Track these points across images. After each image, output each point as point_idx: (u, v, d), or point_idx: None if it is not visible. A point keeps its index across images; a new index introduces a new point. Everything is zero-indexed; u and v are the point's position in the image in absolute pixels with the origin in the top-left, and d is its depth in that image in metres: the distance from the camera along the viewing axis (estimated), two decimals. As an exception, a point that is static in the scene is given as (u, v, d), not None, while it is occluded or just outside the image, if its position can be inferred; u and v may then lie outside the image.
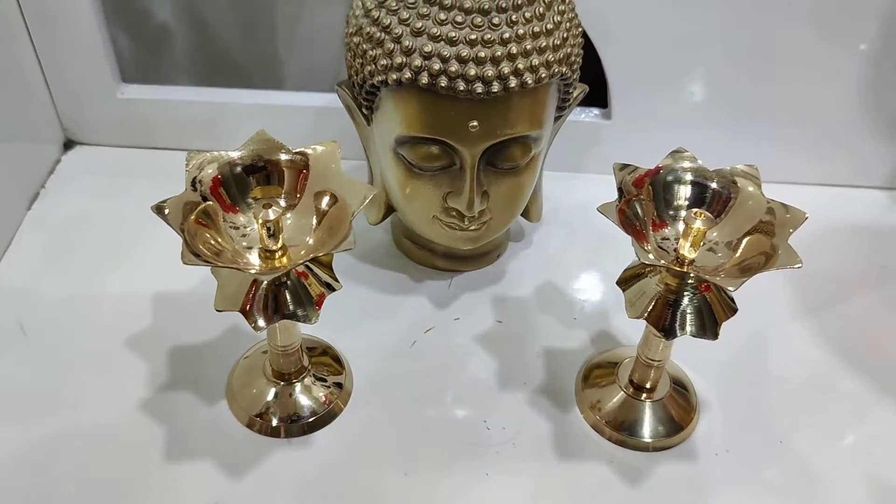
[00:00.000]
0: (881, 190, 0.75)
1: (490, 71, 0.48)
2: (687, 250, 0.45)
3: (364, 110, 0.55)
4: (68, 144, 0.74)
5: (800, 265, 0.42)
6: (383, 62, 0.49)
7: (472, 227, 0.56)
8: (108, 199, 0.68)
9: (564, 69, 0.52)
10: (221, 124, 0.69)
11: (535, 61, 0.49)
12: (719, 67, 0.68)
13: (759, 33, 0.66)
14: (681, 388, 0.56)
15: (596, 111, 0.72)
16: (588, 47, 0.67)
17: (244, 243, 0.45)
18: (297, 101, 0.71)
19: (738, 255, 0.45)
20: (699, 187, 0.47)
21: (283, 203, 0.46)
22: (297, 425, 0.52)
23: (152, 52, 0.79)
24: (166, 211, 0.41)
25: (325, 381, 0.55)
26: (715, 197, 0.47)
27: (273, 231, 0.43)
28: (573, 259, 0.66)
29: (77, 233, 0.65)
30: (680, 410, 0.54)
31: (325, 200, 0.45)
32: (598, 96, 0.71)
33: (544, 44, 0.49)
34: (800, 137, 0.72)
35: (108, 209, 0.67)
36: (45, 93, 0.69)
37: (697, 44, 0.67)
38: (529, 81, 0.49)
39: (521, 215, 0.62)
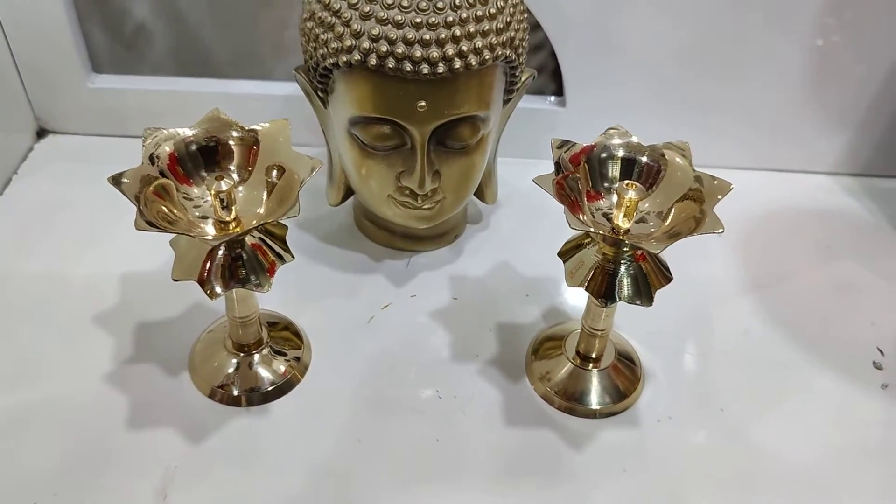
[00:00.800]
0: (827, 175, 0.78)
1: (435, 52, 0.51)
2: (621, 220, 0.47)
3: (320, 93, 0.57)
4: (41, 133, 0.76)
5: (721, 230, 0.45)
6: (334, 45, 0.52)
7: (426, 206, 0.58)
8: (79, 185, 0.70)
9: (508, 52, 0.54)
10: (191, 113, 0.70)
11: (479, 44, 0.52)
12: (671, 57, 0.71)
13: (710, 23, 0.69)
14: (626, 359, 0.58)
15: (552, 99, 0.74)
16: (546, 38, 0.69)
17: (199, 215, 0.47)
18: (266, 89, 0.74)
19: (668, 223, 0.47)
20: (631, 161, 0.50)
21: (235, 177, 0.48)
22: (256, 394, 0.54)
23: (129, 48, 0.81)
24: (124, 181, 0.43)
25: (285, 354, 0.57)
26: (646, 170, 0.50)
27: (226, 202, 0.46)
28: (527, 240, 0.68)
29: (47, 217, 0.67)
30: (625, 380, 0.57)
31: (275, 174, 0.48)
32: (556, 84, 0.74)
33: (487, 27, 0.52)
34: (749, 124, 0.75)
35: (79, 195, 0.70)
36: (17, 82, 0.72)
37: (648, 34, 0.70)
38: (473, 63, 0.52)
39: (477, 196, 0.65)
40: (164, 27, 0.81)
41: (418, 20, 0.50)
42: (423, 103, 0.52)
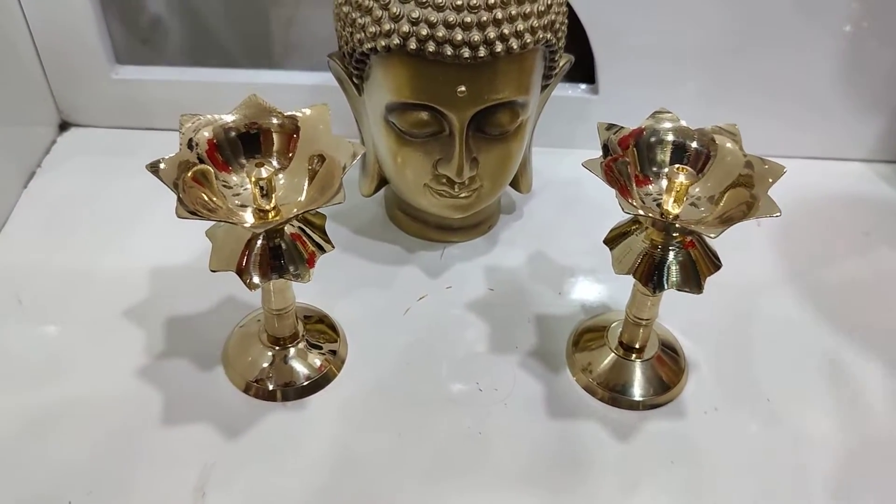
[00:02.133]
0: (862, 162, 0.77)
1: (476, 36, 0.49)
2: (671, 205, 0.46)
3: (355, 80, 0.56)
4: (64, 126, 0.75)
5: (779, 214, 0.43)
6: (372, 29, 0.51)
7: (463, 195, 0.57)
8: (104, 178, 0.69)
9: (549, 36, 0.53)
10: (216, 104, 0.69)
11: (521, 27, 0.50)
12: (704, 43, 0.70)
13: (744, 8, 0.68)
14: (670, 349, 0.57)
15: (583, 86, 0.73)
16: (577, 25, 0.68)
17: (238, 203, 0.46)
18: (292, 79, 0.72)
19: (719, 208, 0.46)
20: (680, 146, 0.48)
21: (275, 164, 0.47)
22: (292, 389, 0.53)
23: (147, 39, 0.80)
24: (162, 167, 0.42)
25: (321, 348, 0.56)
26: (695, 154, 0.48)
27: (266, 190, 0.44)
28: (563, 230, 0.67)
29: (73, 210, 0.66)
30: (669, 371, 0.55)
31: (316, 160, 0.46)
32: (586, 72, 0.72)
33: (528, 10, 0.50)
34: (784, 111, 0.73)
35: (104, 187, 0.68)
36: (40, 75, 0.71)
37: (682, 20, 0.68)
38: (515, 46, 0.50)
39: (512, 186, 0.64)
40: (179, 20, 0.80)
41: (459, 2, 0.49)
42: (463, 88, 0.51)
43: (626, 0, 0.67)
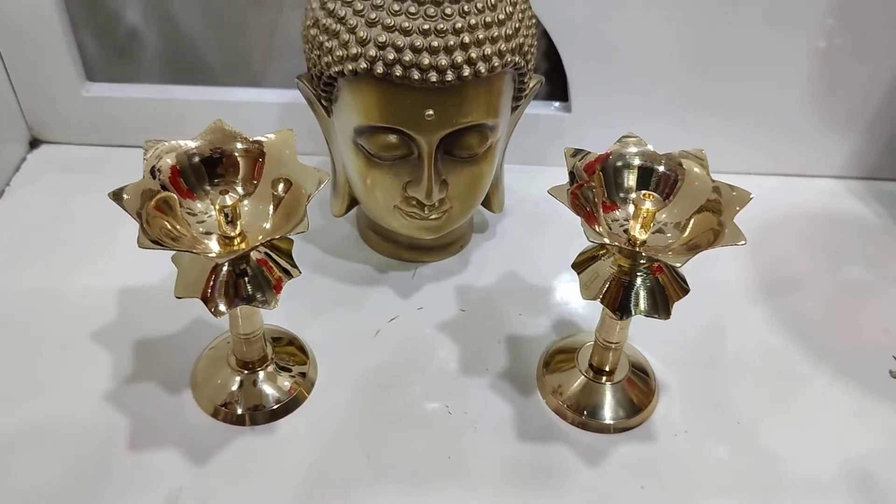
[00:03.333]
0: (834, 179, 0.77)
1: (443, 60, 0.49)
2: (637, 231, 0.46)
3: (324, 102, 0.56)
4: (34, 143, 0.74)
5: (744, 242, 0.43)
6: (339, 53, 0.50)
7: (433, 217, 0.57)
8: (74, 196, 0.69)
9: (517, 59, 0.53)
10: (187, 121, 0.68)
11: (488, 50, 0.50)
12: (677, 62, 0.70)
13: (714, 27, 0.68)
14: (640, 371, 0.57)
15: (556, 104, 0.73)
16: (550, 44, 0.68)
17: (202, 230, 0.45)
18: (263, 97, 0.72)
19: (686, 234, 0.46)
20: (647, 171, 0.49)
21: (240, 191, 0.47)
22: (261, 413, 0.53)
23: (121, 54, 0.79)
24: (125, 197, 0.42)
25: (290, 370, 0.55)
26: (663, 179, 0.48)
27: (231, 217, 0.44)
28: (536, 249, 0.67)
29: (42, 229, 0.66)
30: (639, 393, 0.55)
31: (281, 187, 0.46)
32: (559, 90, 0.72)
33: (496, 33, 0.50)
34: (756, 129, 0.74)
35: (74, 206, 0.68)
36: (9, 92, 0.70)
37: (655, 38, 0.69)
38: (482, 70, 0.50)
39: (484, 206, 0.64)
40: (155, 33, 0.79)
41: (426, 27, 0.49)
42: (431, 112, 0.51)
43: (598, 19, 0.67)
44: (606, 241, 0.44)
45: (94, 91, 0.71)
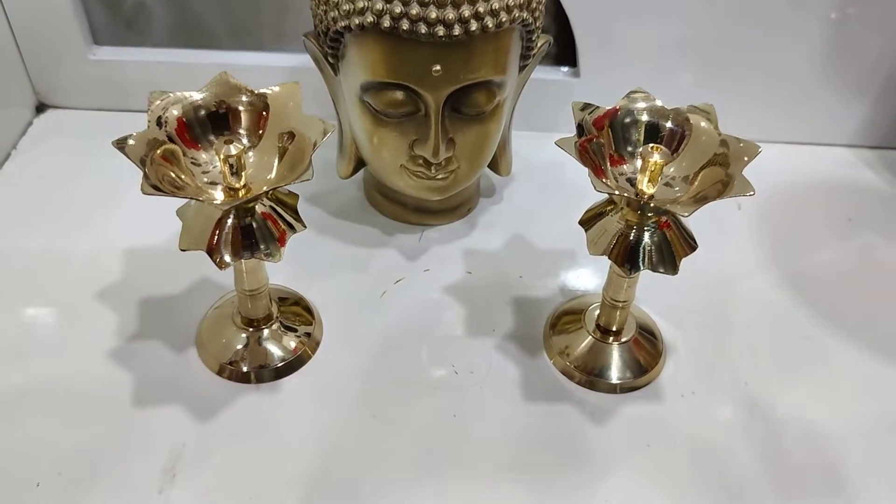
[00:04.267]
0: (846, 147, 0.77)
1: (451, 14, 0.49)
2: (645, 185, 0.46)
3: (330, 59, 0.55)
4: (40, 108, 0.74)
5: (752, 193, 0.43)
6: (346, 7, 0.50)
7: (440, 176, 0.56)
8: (79, 160, 0.69)
9: (525, 15, 0.52)
10: (193, 85, 0.68)
11: (496, 5, 0.50)
12: (688, 26, 0.69)
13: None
14: (647, 333, 0.56)
15: (565, 69, 0.73)
16: (559, 7, 0.68)
17: (207, 180, 0.45)
18: (270, 61, 0.72)
19: (694, 187, 0.46)
20: (655, 125, 0.48)
21: (245, 142, 0.47)
22: (266, 371, 0.53)
23: (131, 21, 0.79)
24: (130, 143, 0.41)
25: (296, 330, 0.55)
26: (670, 134, 0.48)
27: (236, 168, 0.44)
28: (543, 213, 0.67)
29: (48, 191, 0.66)
30: (646, 354, 0.55)
31: (286, 138, 0.46)
32: (568, 55, 0.72)
33: (505, -12, 0.50)
34: (768, 96, 0.73)
35: (79, 170, 0.68)
36: (16, 55, 0.70)
37: (663, 4, 0.68)
38: (490, 25, 0.50)
39: (491, 168, 0.63)
40: (163, 4, 0.79)
41: (434, -20, 0.48)
42: (438, 67, 0.50)
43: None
44: (615, 192, 0.44)
45: (101, 54, 0.71)
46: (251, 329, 0.54)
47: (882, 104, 0.74)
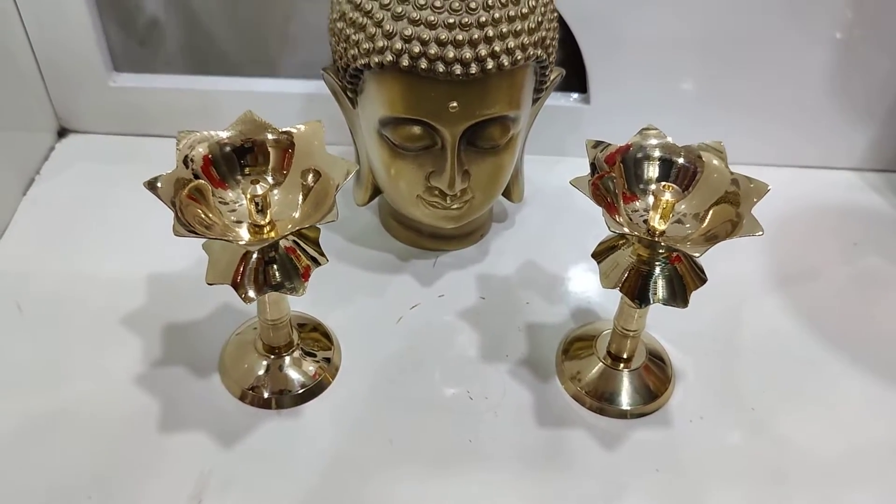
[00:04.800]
0: (852, 171, 0.77)
1: (468, 53, 0.50)
2: (657, 222, 0.47)
3: (349, 94, 0.57)
4: (62, 133, 0.76)
5: (761, 233, 0.44)
6: (366, 46, 0.51)
7: (455, 206, 0.58)
8: (102, 184, 0.70)
9: (540, 52, 0.54)
10: (213, 112, 0.71)
11: (511, 44, 0.51)
12: (696, 53, 0.70)
13: (733, 19, 0.68)
14: (657, 359, 0.58)
15: (575, 96, 0.74)
16: (568, 35, 0.69)
17: (233, 218, 0.47)
18: (288, 87, 0.73)
19: (704, 225, 0.47)
20: (667, 162, 0.49)
21: (270, 180, 0.48)
22: (287, 397, 0.54)
23: (144, 45, 0.81)
24: (159, 185, 0.43)
25: (315, 356, 0.57)
26: (682, 171, 0.49)
27: (261, 206, 0.45)
28: (555, 239, 0.68)
29: (71, 217, 0.67)
30: (656, 380, 0.57)
31: (310, 177, 0.47)
32: (578, 82, 0.73)
33: (519, 27, 0.51)
34: (774, 121, 0.74)
35: (102, 194, 0.69)
36: (39, 82, 0.71)
37: (674, 30, 0.69)
38: (506, 63, 0.51)
39: (504, 195, 0.65)
40: (177, 25, 0.80)
41: (451, 20, 0.50)
42: (455, 104, 0.52)
43: (617, 11, 0.68)
44: (627, 230, 0.45)
45: (121, 81, 0.73)
46: (272, 356, 0.55)
47: (889, 127, 0.75)
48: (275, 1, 0.77)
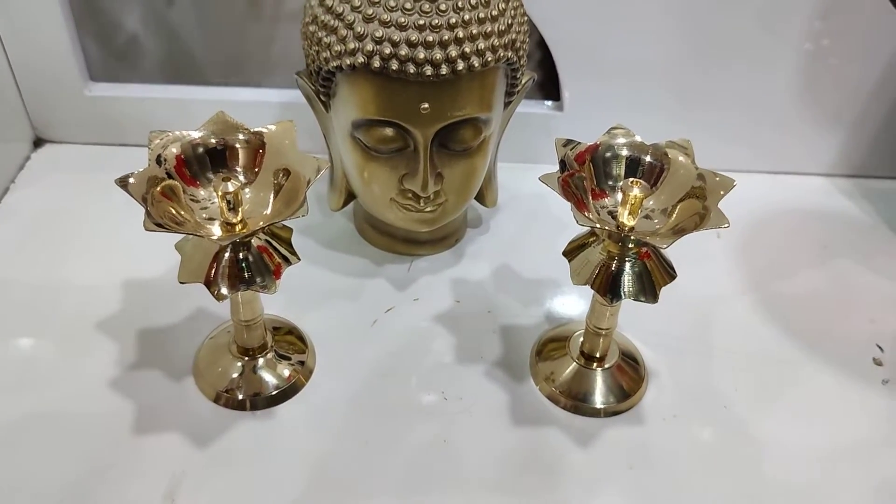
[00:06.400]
0: (823, 177, 0.79)
1: (438, 54, 0.51)
2: (626, 218, 0.48)
3: (322, 97, 0.57)
4: (38, 142, 0.76)
5: (727, 225, 0.45)
6: (337, 48, 0.52)
7: (428, 209, 0.58)
8: (77, 194, 0.70)
9: (510, 54, 0.54)
10: (188, 120, 0.70)
11: (482, 45, 0.52)
12: (667, 60, 0.72)
13: (706, 26, 0.70)
14: (630, 358, 0.58)
15: (549, 103, 0.75)
16: (542, 42, 0.70)
17: (205, 216, 0.47)
18: (263, 96, 0.74)
19: (672, 220, 0.48)
20: (635, 160, 0.50)
21: (242, 179, 0.48)
22: (261, 398, 0.54)
23: (123, 56, 0.81)
24: (131, 181, 0.43)
25: (290, 358, 0.57)
26: (649, 168, 0.50)
27: (233, 204, 0.46)
28: (528, 243, 0.69)
29: (45, 226, 0.67)
30: (629, 379, 0.57)
31: (281, 175, 0.48)
32: (551, 89, 0.74)
33: (490, 28, 0.52)
34: (746, 127, 0.75)
35: (77, 203, 0.69)
36: (14, 92, 0.72)
37: (645, 39, 0.70)
38: (476, 64, 0.52)
39: (477, 200, 0.65)
40: (154, 38, 0.81)
41: (421, 22, 0.50)
42: (427, 105, 0.53)
43: (588, 19, 0.69)
44: (596, 225, 0.46)
45: (97, 90, 0.73)
46: (246, 358, 0.55)
47: (858, 134, 0.76)
48: (255, 21, 0.78)
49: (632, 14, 0.69)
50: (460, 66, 0.51)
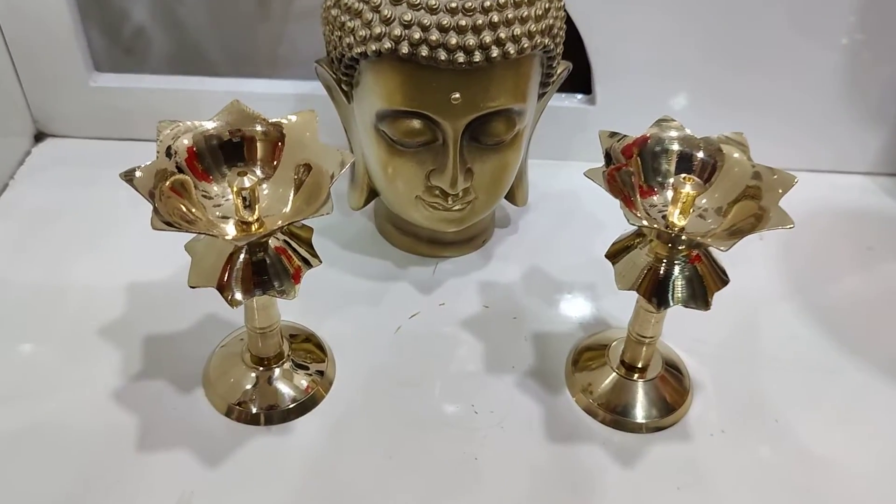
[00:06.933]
0: (865, 175, 0.76)
1: (472, 40, 0.47)
2: (677, 217, 0.44)
3: (344, 87, 0.54)
4: (39, 136, 0.73)
5: (792, 225, 0.41)
6: (362, 33, 0.48)
7: (457, 207, 0.55)
8: (79, 190, 0.67)
9: (547, 41, 0.51)
10: (198, 113, 0.67)
11: (517, 31, 0.48)
12: (702, 54, 0.68)
13: (740, 22, 0.67)
14: (673, 369, 0.54)
15: (580, 97, 0.71)
16: (574, 34, 0.66)
17: (219, 214, 0.43)
18: (276, 88, 0.70)
19: (727, 220, 0.44)
20: (686, 155, 0.46)
21: (259, 174, 0.45)
22: (277, 412, 0.50)
23: (130, 49, 0.78)
24: (137, 175, 0.39)
25: (308, 368, 0.53)
26: (701, 164, 0.46)
27: (249, 201, 0.42)
28: (560, 244, 0.65)
29: (46, 223, 0.64)
30: (673, 391, 0.53)
31: (302, 170, 0.44)
32: (582, 82, 0.70)
33: (526, 13, 0.48)
34: (784, 123, 0.72)
35: (79, 200, 0.66)
36: (14, 83, 0.68)
37: (680, 31, 0.67)
38: (512, 51, 0.48)
39: (507, 199, 0.62)
40: (162, 29, 0.78)
41: (453, 5, 0.47)
42: (458, 95, 0.49)
43: (624, 10, 0.66)
44: (646, 224, 0.42)
45: (102, 81, 0.70)
46: (261, 368, 0.51)
47: (900, 131, 0.73)
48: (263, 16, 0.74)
49: (667, 7, 0.66)
50: (495, 52, 0.48)
